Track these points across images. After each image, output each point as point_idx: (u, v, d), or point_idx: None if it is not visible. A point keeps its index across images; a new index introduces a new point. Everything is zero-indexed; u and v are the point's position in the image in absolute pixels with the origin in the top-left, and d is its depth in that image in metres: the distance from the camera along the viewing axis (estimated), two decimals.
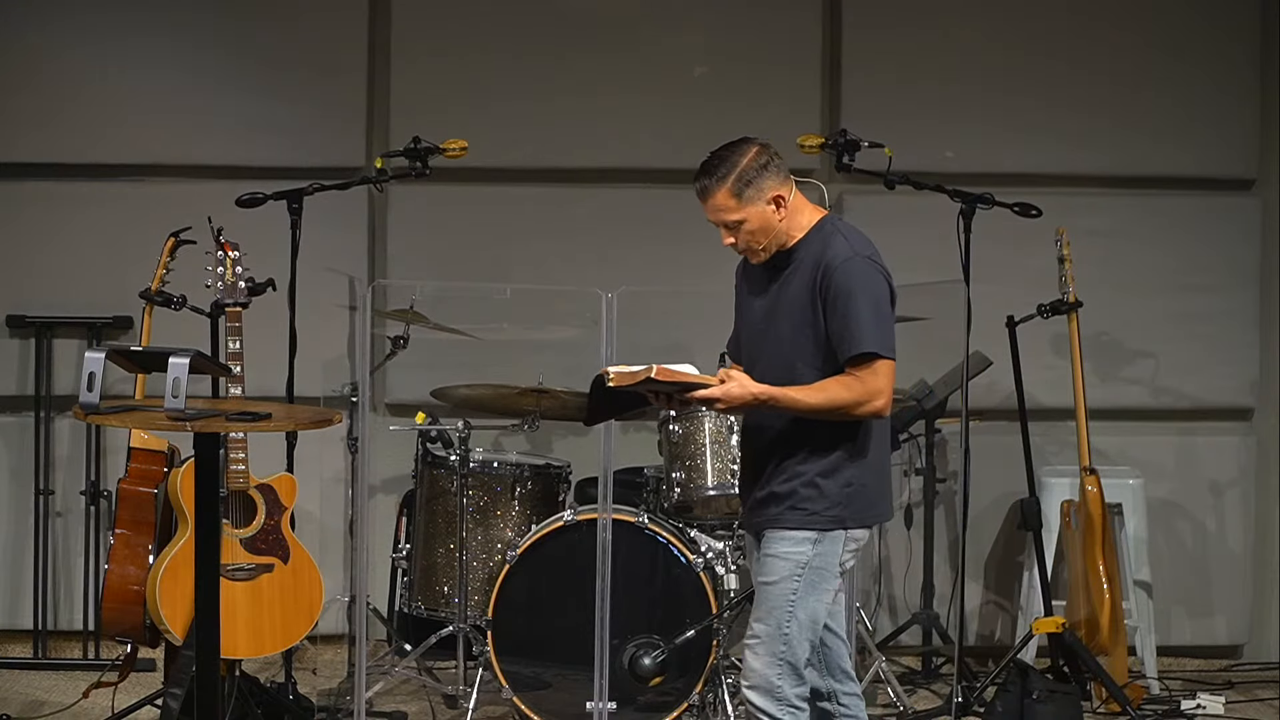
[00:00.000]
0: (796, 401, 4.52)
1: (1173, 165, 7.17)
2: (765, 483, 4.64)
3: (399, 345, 6.40)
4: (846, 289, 4.52)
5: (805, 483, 4.59)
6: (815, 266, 4.57)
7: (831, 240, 4.60)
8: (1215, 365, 7.18)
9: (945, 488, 6.96)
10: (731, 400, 4.50)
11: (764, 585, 4.64)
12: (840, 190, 7.07)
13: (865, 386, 4.51)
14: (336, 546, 6.69)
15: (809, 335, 4.57)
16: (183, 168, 6.95)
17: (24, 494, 6.92)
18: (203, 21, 6.93)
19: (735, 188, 4.57)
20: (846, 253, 4.56)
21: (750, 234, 4.60)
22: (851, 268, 4.54)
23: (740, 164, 4.58)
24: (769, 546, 4.64)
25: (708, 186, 4.61)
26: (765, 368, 4.60)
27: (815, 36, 7.10)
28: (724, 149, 4.63)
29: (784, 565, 4.60)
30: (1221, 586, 7.22)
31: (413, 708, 6.31)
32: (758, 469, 4.68)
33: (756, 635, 4.63)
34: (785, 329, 4.60)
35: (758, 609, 4.66)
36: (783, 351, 4.60)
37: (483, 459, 6.23)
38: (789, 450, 4.61)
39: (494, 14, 7.03)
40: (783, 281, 4.64)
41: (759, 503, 4.67)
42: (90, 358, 4.40)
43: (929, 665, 6.92)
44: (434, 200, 6.96)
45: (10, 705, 6.26)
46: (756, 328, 4.70)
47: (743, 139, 4.64)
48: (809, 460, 4.59)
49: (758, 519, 4.69)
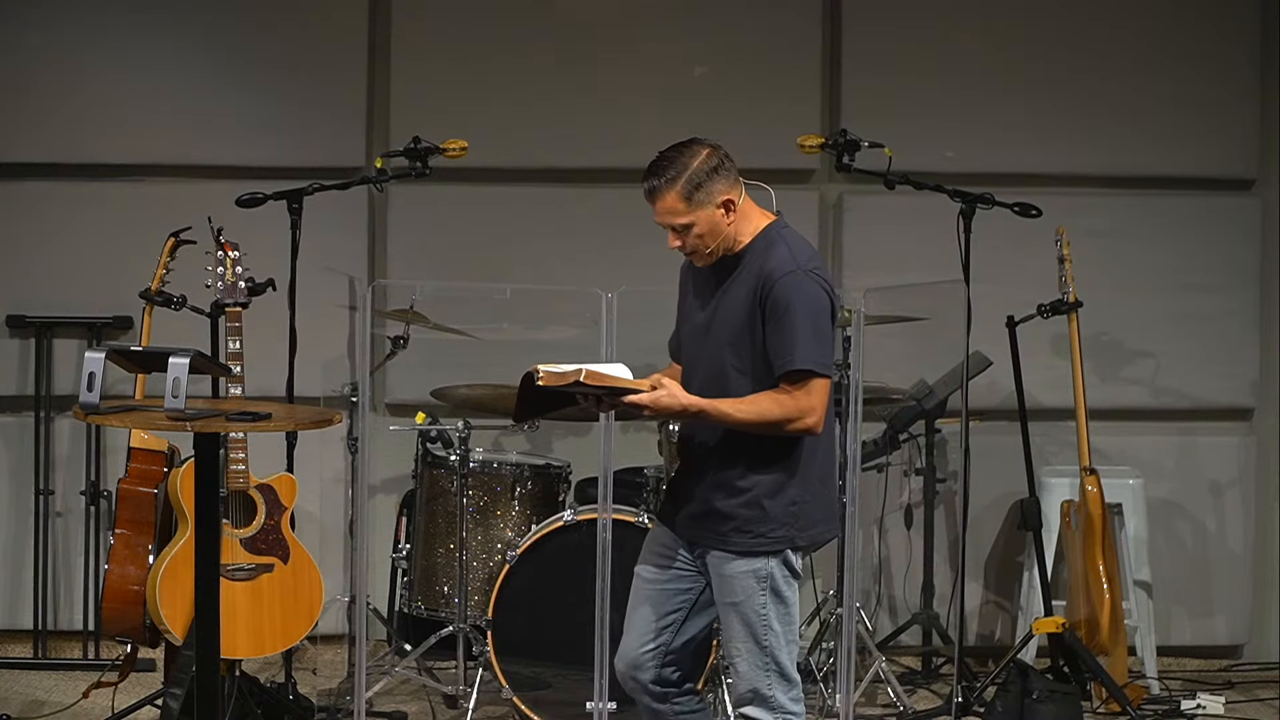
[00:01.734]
0: (726, 415, 4.45)
1: (1173, 165, 7.17)
2: (707, 495, 4.56)
3: (399, 345, 6.40)
4: (785, 303, 4.45)
5: (748, 503, 4.52)
6: (758, 276, 4.50)
7: (774, 250, 4.52)
8: (1215, 365, 7.18)
9: (945, 488, 6.96)
10: (660, 409, 4.44)
11: (728, 605, 4.58)
12: (840, 190, 7.08)
13: (797, 404, 4.44)
14: (336, 546, 6.69)
15: (746, 345, 4.50)
16: (183, 168, 6.95)
17: (24, 494, 6.92)
18: (203, 21, 6.93)
19: (685, 190, 4.48)
20: (789, 265, 4.48)
21: (698, 238, 4.51)
22: (792, 282, 4.46)
23: (691, 166, 4.49)
24: (722, 567, 4.57)
25: (657, 188, 4.51)
26: (703, 373, 4.54)
27: (815, 36, 7.10)
28: (673, 150, 4.54)
29: (746, 583, 4.55)
30: (1221, 586, 7.22)
31: (413, 708, 6.31)
32: (697, 475, 4.60)
33: (732, 654, 4.59)
34: (724, 336, 4.53)
35: (728, 629, 4.60)
36: (719, 359, 4.53)
37: (483, 459, 6.23)
38: (730, 462, 4.53)
39: (494, 14, 7.03)
40: (727, 288, 4.56)
41: (700, 515, 4.58)
42: (90, 358, 4.39)
43: (929, 665, 6.92)
44: (434, 200, 6.96)
45: (10, 705, 6.26)
46: (697, 332, 4.62)
47: (692, 140, 4.56)
48: (750, 476, 4.52)
49: (698, 533, 4.61)
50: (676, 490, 4.72)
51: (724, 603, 4.60)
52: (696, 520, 4.61)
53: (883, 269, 6.93)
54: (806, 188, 7.13)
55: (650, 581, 4.71)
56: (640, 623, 4.70)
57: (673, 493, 4.75)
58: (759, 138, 6.94)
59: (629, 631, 4.73)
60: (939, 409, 6.71)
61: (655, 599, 4.69)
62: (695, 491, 4.60)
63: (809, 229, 7.10)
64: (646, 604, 4.70)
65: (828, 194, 7.14)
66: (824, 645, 6.31)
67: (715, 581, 4.61)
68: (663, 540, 4.72)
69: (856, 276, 7.00)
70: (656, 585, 4.70)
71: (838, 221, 7.12)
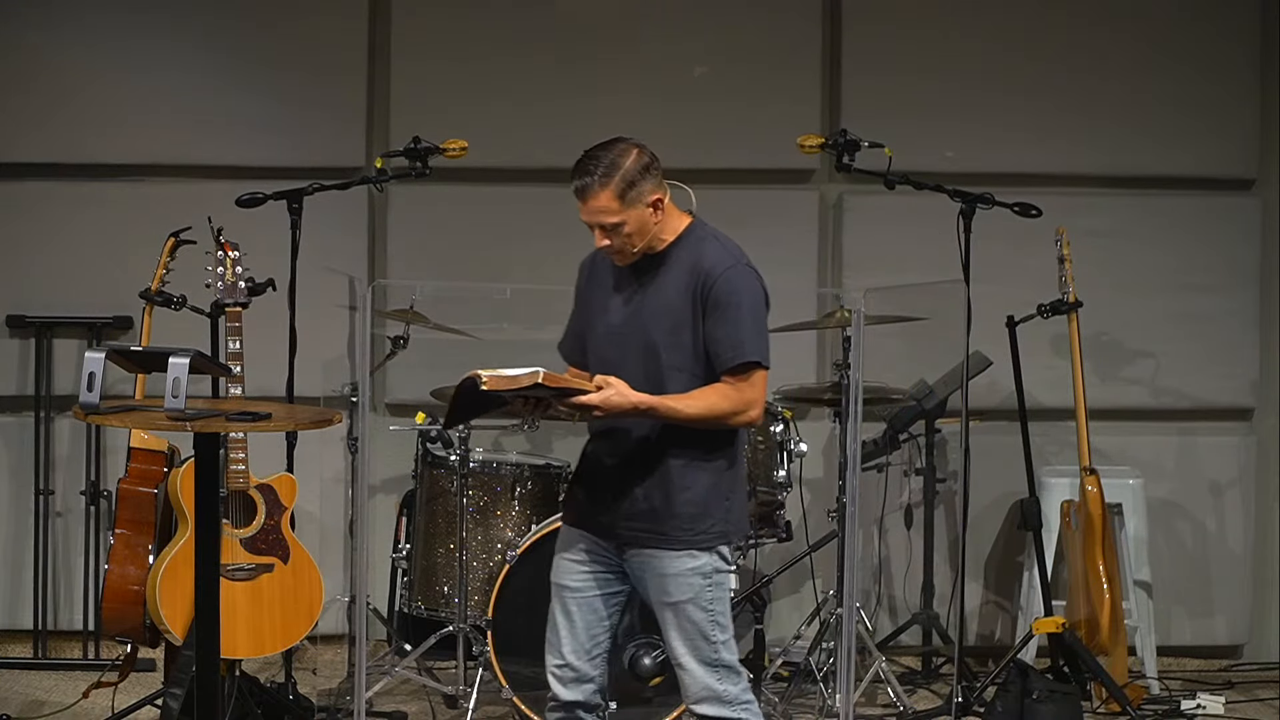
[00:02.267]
0: (675, 411, 4.44)
1: (1173, 165, 7.17)
2: (646, 493, 4.52)
3: (399, 345, 6.40)
4: (729, 297, 4.47)
5: (690, 499, 4.51)
6: (692, 273, 4.50)
7: (707, 247, 4.54)
8: (1215, 365, 7.18)
9: (945, 488, 6.96)
10: (610, 408, 4.40)
11: (672, 605, 4.53)
12: (840, 190, 7.08)
13: (742, 396, 4.46)
14: (336, 546, 6.69)
15: (686, 342, 4.50)
16: (183, 168, 6.95)
17: (24, 494, 6.92)
18: (203, 21, 6.94)
19: (619, 189, 4.46)
20: (728, 260, 4.51)
21: (627, 236, 4.50)
22: (734, 276, 4.49)
23: (624, 166, 4.48)
24: (664, 566, 4.53)
25: (589, 186, 4.47)
26: (630, 374, 4.47)
27: (815, 36, 7.10)
28: (602, 149, 4.51)
29: (690, 581, 4.53)
30: (1221, 586, 7.22)
31: (413, 708, 6.31)
32: (629, 473, 4.54)
33: (679, 655, 4.55)
34: (657, 335, 4.51)
35: (666, 628, 4.55)
36: (653, 358, 4.51)
37: (483, 459, 6.23)
38: (670, 459, 4.51)
39: (494, 14, 7.03)
40: (652, 286, 4.55)
41: (637, 514, 4.53)
42: (90, 358, 4.39)
43: (929, 665, 6.92)
44: (434, 200, 6.96)
45: (10, 705, 6.26)
46: (616, 333, 4.58)
47: (618, 139, 4.54)
48: (691, 473, 4.51)
49: (633, 533, 4.54)
50: (600, 490, 4.61)
51: (665, 602, 4.55)
52: (632, 519, 4.54)
53: (883, 269, 6.93)
54: (806, 188, 7.13)
55: (578, 590, 4.63)
56: (578, 634, 4.63)
57: (594, 493, 4.64)
58: (759, 138, 6.96)
59: (561, 645, 4.65)
60: (939, 409, 6.71)
61: (587, 608, 4.63)
62: (629, 490, 4.53)
63: (809, 229, 7.11)
64: (579, 614, 4.63)
65: (828, 194, 7.14)
66: (824, 645, 6.31)
67: (653, 582, 4.55)
68: (579, 545, 4.64)
69: (856, 276, 7.00)
70: (586, 594, 4.62)
71: (838, 221, 7.12)
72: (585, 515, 4.64)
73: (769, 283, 4.61)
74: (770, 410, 6.21)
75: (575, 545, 4.65)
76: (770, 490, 6.16)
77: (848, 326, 6.09)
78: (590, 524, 4.63)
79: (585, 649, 4.64)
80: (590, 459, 4.66)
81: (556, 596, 4.67)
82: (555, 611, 4.66)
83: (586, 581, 4.63)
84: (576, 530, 4.66)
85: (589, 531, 4.62)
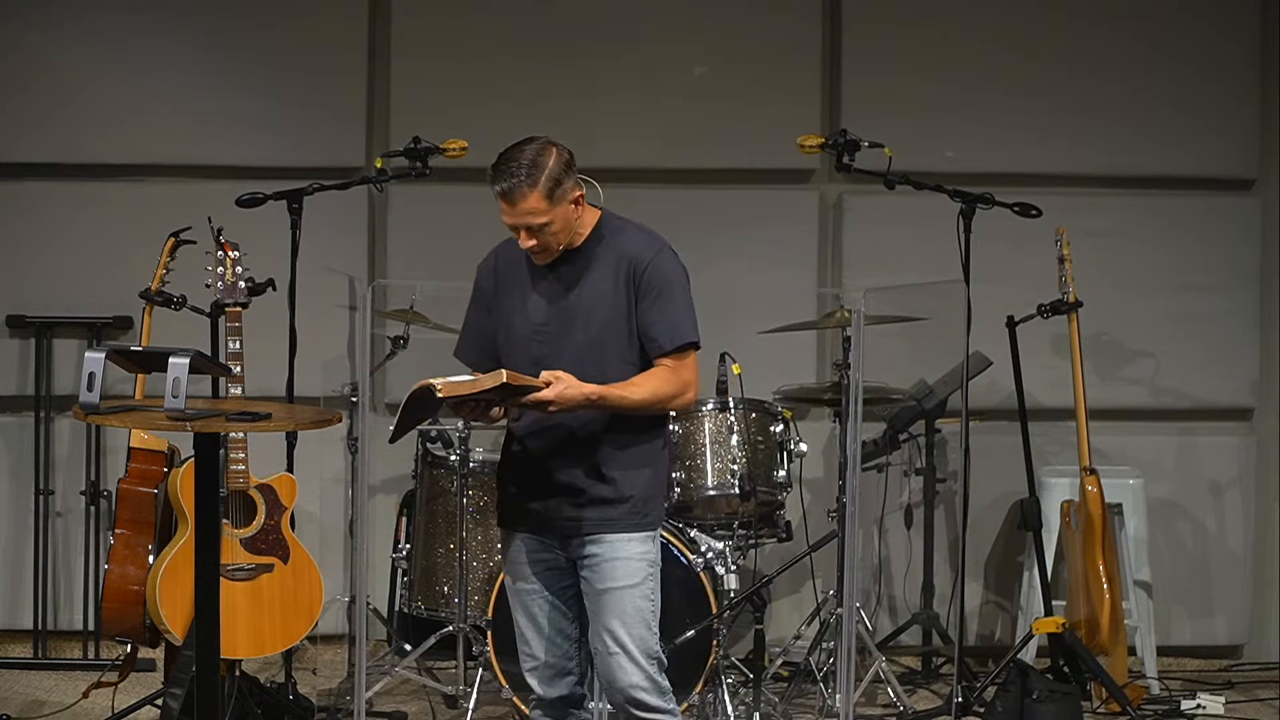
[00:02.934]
0: (623, 398, 4.48)
1: (1173, 165, 7.17)
2: (591, 483, 4.54)
3: (399, 345, 6.40)
4: (663, 282, 4.53)
5: (635, 483, 4.56)
6: (618, 262, 4.54)
7: (628, 234, 4.59)
8: (1215, 365, 7.19)
9: (945, 488, 6.96)
10: (565, 401, 4.41)
11: (619, 590, 4.54)
12: (840, 190, 7.08)
13: (681, 378, 4.54)
14: (336, 546, 6.69)
15: (623, 331, 4.54)
16: (183, 168, 6.95)
17: (24, 494, 6.92)
18: (203, 21, 6.94)
19: (546, 189, 4.47)
20: (654, 245, 4.57)
21: (553, 235, 4.52)
22: (664, 260, 4.55)
23: (548, 165, 4.48)
24: (614, 550, 4.55)
25: (517, 187, 4.46)
26: (567, 369, 4.46)
27: (815, 36, 7.10)
28: (522, 150, 4.50)
29: (639, 566, 4.57)
30: (1221, 586, 7.22)
31: (413, 708, 6.31)
32: (573, 466, 4.54)
33: (622, 641, 4.54)
34: (592, 328, 4.54)
35: (608, 615, 4.54)
36: (591, 351, 4.52)
37: (483, 459, 6.23)
38: (616, 447, 4.55)
39: (494, 14, 7.03)
40: (578, 280, 4.57)
41: (585, 504, 4.54)
42: (90, 358, 4.39)
43: (929, 665, 6.92)
44: (434, 200, 6.96)
45: (10, 705, 6.26)
46: (543, 329, 4.57)
47: (533, 138, 4.53)
48: (634, 458, 4.56)
49: (582, 523, 4.55)
50: (540, 487, 4.60)
51: (613, 588, 4.56)
52: (581, 509, 4.56)
53: (883, 269, 6.93)
54: (806, 188, 7.13)
55: (534, 590, 4.65)
56: (544, 632, 4.66)
57: (533, 491, 4.61)
58: (759, 138, 6.96)
59: (532, 645, 4.67)
60: (939, 409, 6.71)
61: (547, 605, 4.65)
62: (574, 483, 4.55)
63: (809, 229, 7.11)
64: (540, 613, 4.66)
65: (828, 194, 7.14)
66: (824, 645, 6.31)
67: (603, 568, 4.56)
68: (523, 546, 4.65)
69: (856, 276, 7.00)
70: (543, 592, 4.65)
71: (838, 221, 7.12)
72: (525, 515, 4.65)
73: (769, 283, 4.62)
74: (770, 410, 6.22)
75: (519, 548, 4.67)
76: (770, 490, 6.16)
77: (848, 326, 6.09)
78: (531, 523, 4.64)
79: (556, 644, 4.67)
80: (521, 458, 4.65)
81: (516, 601, 4.70)
82: (518, 617, 4.70)
83: (539, 580, 4.65)
84: (519, 533, 4.66)
85: (531, 531, 4.64)
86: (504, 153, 4.53)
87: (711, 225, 6.84)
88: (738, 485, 6.02)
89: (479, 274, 4.76)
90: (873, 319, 6.09)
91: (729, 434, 6.03)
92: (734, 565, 5.99)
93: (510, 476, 4.70)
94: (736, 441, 6.06)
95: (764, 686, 6.04)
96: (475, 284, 4.76)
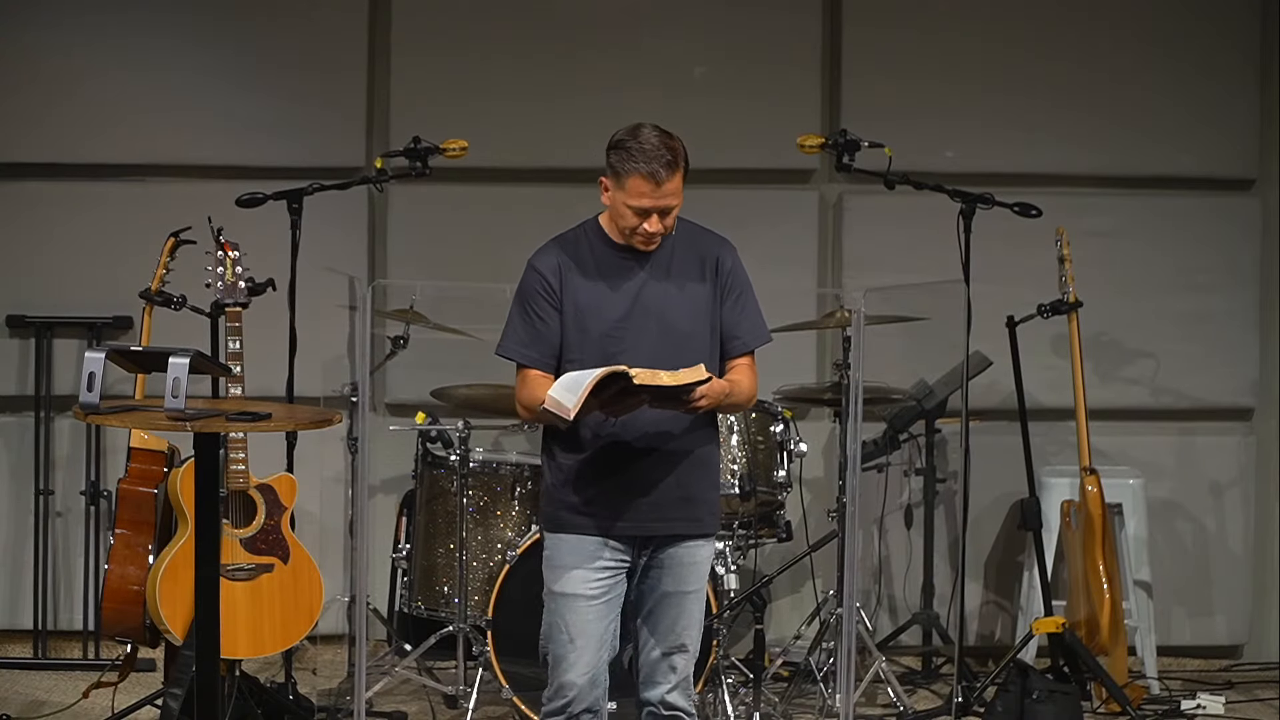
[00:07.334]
0: (730, 396, 4.49)
1: (1173, 165, 7.17)
2: (683, 481, 4.49)
3: (399, 345, 6.41)
4: (744, 282, 4.57)
5: (713, 486, 4.58)
6: (701, 261, 4.53)
7: (700, 232, 4.61)
8: (1215, 365, 7.19)
9: (945, 488, 6.96)
10: (715, 396, 4.39)
11: (690, 594, 4.53)
12: (840, 190, 7.08)
13: (757, 378, 4.58)
14: (336, 546, 6.69)
15: (707, 327, 4.53)
16: (183, 168, 6.95)
17: (24, 494, 6.92)
18: (202, 21, 6.94)
19: (684, 171, 4.49)
20: (729, 245, 4.60)
21: (673, 219, 4.52)
22: (738, 261, 4.59)
23: (682, 149, 4.49)
24: (692, 554, 4.53)
25: (667, 168, 4.42)
26: (644, 364, 4.35)
27: (815, 36, 7.10)
28: (654, 133, 4.45)
29: (705, 569, 4.58)
30: (1221, 586, 7.22)
31: (413, 708, 6.31)
32: (664, 464, 4.47)
33: (690, 641, 4.54)
34: (681, 322, 4.49)
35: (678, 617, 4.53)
36: (671, 346, 4.45)
37: (483, 459, 6.23)
38: (705, 445, 4.54)
39: (494, 14, 7.03)
40: (662, 274, 4.51)
41: (673, 503, 4.49)
42: (90, 358, 4.39)
43: (929, 665, 6.92)
44: (434, 200, 6.96)
45: (10, 705, 6.26)
46: (620, 326, 4.47)
47: (644, 125, 4.48)
48: (709, 459, 4.56)
49: (668, 524, 4.49)
50: (629, 491, 4.49)
51: (685, 591, 4.54)
52: (668, 509, 4.50)
53: (883, 269, 6.93)
54: (806, 188, 7.14)
55: (595, 598, 4.51)
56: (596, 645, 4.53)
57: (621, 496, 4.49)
58: (759, 138, 6.96)
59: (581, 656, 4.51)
60: (939, 409, 6.71)
61: (604, 615, 4.53)
62: (665, 481, 4.49)
63: (809, 229, 7.11)
64: (595, 623, 4.52)
65: (828, 194, 7.14)
66: (824, 645, 6.31)
67: (679, 571, 4.53)
68: (597, 552, 4.52)
69: (856, 276, 7.00)
70: (602, 600, 4.53)
71: (838, 221, 7.12)
72: (600, 517, 4.50)
73: (769, 283, 4.63)
74: (770, 410, 6.22)
75: (592, 553, 4.51)
76: (770, 490, 6.16)
77: (848, 326, 6.09)
78: (614, 528, 4.50)
79: (602, 657, 4.56)
80: (604, 459, 4.50)
81: (569, 608, 4.52)
82: (568, 624, 4.52)
83: (604, 588, 4.53)
84: (594, 539, 4.51)
85: (611, 538, 4.51)
86: (631, 138, 4.43)
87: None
88: (738, 485, 6.02)
89: (539, 271, 4.57)
90: (873, 319, 6.09)
91: (729, 434, 6.03)
92: (734, 565, 6.00)
93: (590, 478, 4.49)
94: (737, 441, 6.06)
95: (764, 686, 6.04)
96: (534, 282, 4.57)
